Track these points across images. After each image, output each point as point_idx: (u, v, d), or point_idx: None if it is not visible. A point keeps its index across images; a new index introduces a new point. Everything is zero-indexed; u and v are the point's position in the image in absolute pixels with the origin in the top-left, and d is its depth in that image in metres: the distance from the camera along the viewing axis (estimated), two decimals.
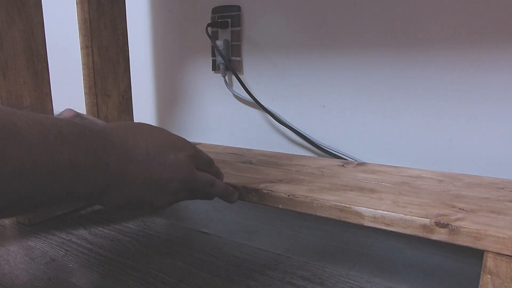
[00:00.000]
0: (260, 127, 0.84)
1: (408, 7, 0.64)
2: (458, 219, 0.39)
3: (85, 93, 0.82)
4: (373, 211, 0.42)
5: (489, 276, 0.37)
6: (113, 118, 0.85)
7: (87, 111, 0.82)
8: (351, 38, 0.70)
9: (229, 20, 0.82)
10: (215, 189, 0.46)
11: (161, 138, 0.41)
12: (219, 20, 0.83)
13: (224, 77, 0.85)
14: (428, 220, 0.39)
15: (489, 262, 0.36)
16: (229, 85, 0.86)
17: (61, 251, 0.61)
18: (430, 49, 0.63)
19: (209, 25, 0.81)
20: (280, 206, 0.48)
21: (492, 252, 0.36)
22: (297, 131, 0.77)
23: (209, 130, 0.93)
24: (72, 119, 0.42)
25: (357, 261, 0.57)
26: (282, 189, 0.49)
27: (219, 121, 0.90)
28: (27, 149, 0.28)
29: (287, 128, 0.79)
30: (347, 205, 0.43)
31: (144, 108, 1.04)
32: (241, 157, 0.67)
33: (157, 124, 1.04)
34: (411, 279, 0.53)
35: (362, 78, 0.70)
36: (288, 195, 0.47)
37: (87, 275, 0.54)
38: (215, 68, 0.87)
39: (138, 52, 1.00)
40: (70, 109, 0.44)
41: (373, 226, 0.42)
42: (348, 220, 0.43)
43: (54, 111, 0.76)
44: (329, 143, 0.75)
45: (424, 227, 0.39)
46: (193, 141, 0.83)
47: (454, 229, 0.37)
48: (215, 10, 0.84)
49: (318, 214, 0.45)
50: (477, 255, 0.38)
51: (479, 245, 0.36)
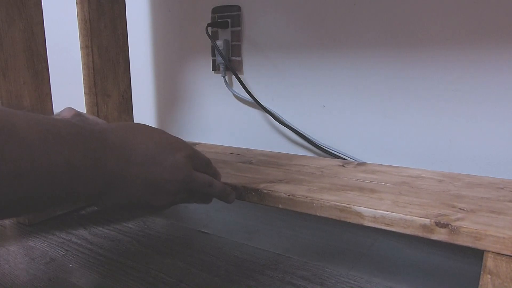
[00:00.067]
0: (260, 127, 0.84)
1: (408, 7, 0.64)
2: (458, 219, 0.39)
3: (85, 93, 0.82)
4: (373, 211, 0.42)
5: (489, 276, 0.37)
6: (113, 118, 0.85)
7: (87, 111, 0.82)
8: (351, 38, 0.70)
9: (229, 20, 0.82)
10: (213, 189, 0.46)
11: (160, 139, 0.41)
12: (219, 20, 0.83)
13: (224, 77, 0.85)
14: (428, 220, 0.39)
15: (489, 262, 0.36)
16: (229, 85, 0.86)
17: (61, 251, 0.61)
18: (430, 49, 0.63)
19: (209, 25, 0.81)
20: (280, 206, 0.48)
21: (492, 252, 0.36)
22: (297, 131, 0.77)
23: (209, 130, 0.93)
24: (73, 118, 0.42)
25: (357, 261, 0.57)
26: (282, 189, 0.49)
27: (219, 121, 0.90)
28: (26, 149, 0.28)
29: (287, 128, 0.79)
30: (347, 205, 0.43)
31: (144, 108, 1.04)
32: (241, 157, 0.67)
33: (157, 124, 1.04)
34: (411, 279, 0.53)
35: (362, 78, 0.70)
36: (288, 195, 0.47)
37: (87, 275, 0.54)
38: (215, 68, 0.87)
39: (138, 52, 1.00)
40: (71, 108, 0.44)
41: (373, 226, 0.42)
42: (348, 220, 0.43)
43: (54, 111, 0.76)
44: (329, 143, 0.75)
45: (424, 227, 0.39)
46: (193, 141, 0.83)
47: (454, 229, 0.37)
48: (215, 10, 0.84)
49: (318, 214, 0.45)
50: (477, 255, 0.38)
51: (479, 245, 0.36)
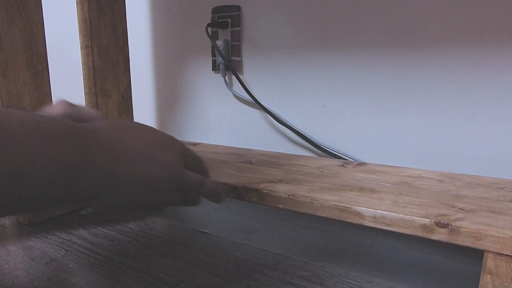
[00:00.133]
0: (260, 127, 0.84)
1: (408, 7, 0.64)
2: (458, 219, 0.39)
3: (85, 93, 0.82)
4: (373, 211, 0.42)
5: (489, 276, 0.37)
6: (113, 118, 0.85)
7: None
8: (351, 38, 0.70)
9: (229, 20, 0.82)
10: (204, 188, 0.44)
11: (150, 136, 0.40)
12: (219, 20, 0.83)
13: (224, 77, 0.85)
14: (428, 220, 0.39)
15: (489, 262, 0.36)
16: (229, 85, 0.86)
17: (61, 251, 0.61)
18: (430, 49, 0.63)
19: (209, 25, 0.81)
20: (280, 206, 0.48)
21: (492, 252, 0.36)
22: (297, 131, 0.77)
23: (209, 130, 0.93)
24: (67, 111, 0.41)
25: (357, 261, 0.57)
26: (282, 189, 0.49)
27: (219, 121, 0.90)
28: (9, 148, 0.27)
29: (287, 128, 0.79)
30: (347, 205, 0.43)
31: (144, 108, 1.04)
32: (241, 157, 0.67)
33: (157, 124, 1.04)
34: (411, 279, 0.53)
35: (362, 78, 0.70)
36: (288, 195, 0.47)
37: (87, 275, 0.54)
38: (215, 68, 0.87)
39: (138, 52, 1.00)
40: (64, 100, 0.42)
41: (373, 226, 0.42)
42: (348, 220, 0.43)
43: None
44: (329, 143, 0.75)
45: (424, 227, 0.39)
46: (193, 141, 0.83)
47: (454, 229, 0.37)
48: (215, 10, 0.84)
49: (318, 214, 0.45)
50: (477, 255, 0.38)
51: (479, 245, 0.36)
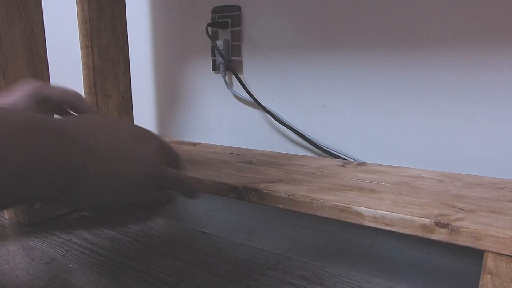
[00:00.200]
0: (260, 127, 0.84)
1: (408, 7, 0.64)
2: (458, 219, 0.39)
3: (85, 93, 0.82)
4: (373, 211, 0.42)
5: (489, 276, 0.37)
6: (113, 118, 0.85)
7: None
8: (351, 38, 0.70)
9: (229, 20, 0.82)
10: (184, 185, 0.43)
11: (127, 131, 0.39)
12: (219, 20, 0.83)
13: (224, 77, 0.85)
14: (428, 220, 0.39)
15: (489, 262, 0.36)
16: (229, 85, 0.86)
17: (61, 251, 0.61)
18: (430, 49, 0.63)
19: (209, 25, 0.81)
20: (280, 206, 0.48)
21: (492, 252, 0.36)
22: (297, 131, 0.77)
23: (209, 130, 0.93)
24: (34, 92, 0.39)
25: (357, 261, 0.57)
26: (282, 189, 0.49)
27: (219, 121, 0.90)
28: None
29: (287, 128, 0.79)
30: (347, 205, 0.43)
31: (144, 108, 1.04)
32: (241, 157, 0.67)
33: (157, 124, 1.04)
34: (411, 279, 0.53)
35: (362, 78, 0.70)
36: (288, 195, 0.47)
37: (87, 275, 0.54)
38: (215, 68, 0.87)
39: (138, 52, 1.00)
40: (31, 81, 0.40)
41: (373, 226, 0.42)
42: (348, 220, 0.43)
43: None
44: (329, 143, 0.75)
45: (424, 227, 0.39)
46: (193, 141, 0.83)
47: (454, 229, 0.37)
48: (215, 10, 0.84)
49: (318, 214, 0.45)
50: (477, 255, 0.38)
51: (479, 245, 0.36)
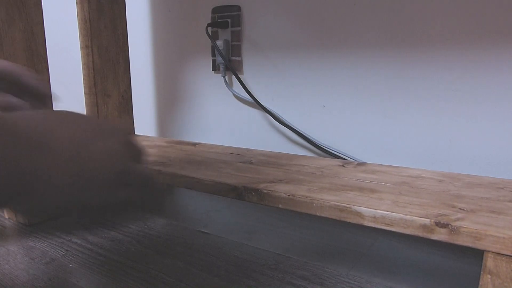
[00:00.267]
0: (260, 127, 0.84)
1: (408, 7, 0.64)
2: (458, 219, 0.39)
3: (85, 93, 0.82)
4: (373, 211, 0.42)
5: (489, 276, 0.37)
6: (113, 118, 0.85)
7: (87, 111, 0.82)
8: (351, 38, 0.70)
9: (229, 20, 0.82)
10: (153, 183, 0.39)
11: (86, 124, 0.35)
12: (219, 20, 0.83)
13: (224, 77, 0.85)
14: (428, 220, 0.39)
15: (489, 262, 0.36)
16: (229, 85, 0.86)
17: (61, 251, 0.61)
18: (430, 49, 0.63)
19: (209, 25, 0.81)
20: (280, 206, 0.48)
21: (492, 252, 0.36)
22: (297, 131, 0.77)
23: (209, 130, 0.93)
24: None
25: (357, 261, 0.57)
26: (282, 189, 0.49)
27: (219, 121, 0.90)
28: None
29: (287, 128, 0.79)
30: (347, 205, 0.43)
31: (144, 108, 1.04)
32: (241, 157, 0.67)
33: (157, 124, 1.04)
34: (411, 279, 0.53)
35: (362, 78, 0.70)
36: (288, 195, 0.47)
37: (87, 275, 0.54)
38: (215, 68, 0.87)
39: (138, 52, 1.00)
40: None
41: (373, 226, 0.42)
42: (348, 220, 0.43)
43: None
44: (329, 143, 0.75)
45: (424, 227, 0.39)
46: (193, 141, 0.83)
47: (454, 229, 0.37)
48: (215, 10, 0.84)
49: (318, 214, 0.45)
50: (477, 255, 0.38)
51: (479, 245, 0.36)
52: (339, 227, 0.68)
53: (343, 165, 0.61)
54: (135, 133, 0.92)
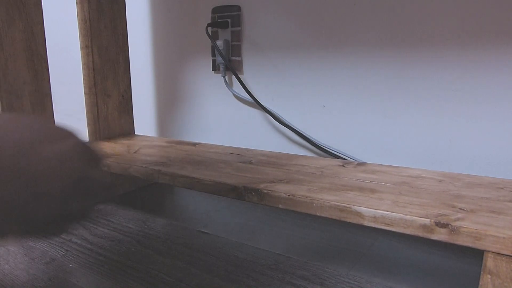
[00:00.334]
0: (260, 127, 0.84)
1: (408, 7, 0.64)
2: (458, 219, 0.39)
3: (85, 93, 0.82)
4: (373, 211, 0.42)
5: (489, 276, 0.37)
6: (113, 118, 0.85)
7: (87, 111, 0.82)
8: (351, 38, 0.70)
9: (229, 20, 0.82)
10: (110, 193, 0.36)
11: (30, 127, 0.32)
12: (219, 20, 0.83)
13: (224, 77, 0.85)
14: (428, 220, 0.39)
15: (489, 262, 0.36)
16: (229, 85, 0.86)
17: (61, 251, 0.61)
18: (430, 49, 0.63)
19: (209, 25, 0.81)
20: (280, 206, 0.48)
21: (492, 252, 0.36)
22: (297, 131, 0.77)
23: (209, 130, 0.93)
24: None
25: (357, 261, 0.57)
26: (282, 189, 0.49)
27: (219, 121, 0.90)
28: None
29: (287, 128, 0.79)
30: (347, 205, 0.43)
31: (144, 108, 1.04)
32: (241, 157, 0.67)
33: (157, 124, 1.04)
34: (411, 279, 0.53)
35: (362, 78, 0.70)
36: (288, 195, 0.47)
37: (87, 275, 0.54)
38: (215, 68, 0.87)
39: (138, 52, 1.00)
40: None
41: (373, 226, 0.42)
42: (348, 220, 0.43)
43: (54, 111, 0.76)
44: (329, 143, 0.75)
45: (424, 227, 0.39)
46: (193, 141, 0.83)
47: (454, 229, 0.37)
48: (215, 10, 0.84)
49: (318, 214, 0.45)
50: (477, 255, 0.38)
51: (479, 245, 0.36)
52: (339, 227, 0.68)
53: (343, 165, 0.61)
54: (135, 133, 0.92)
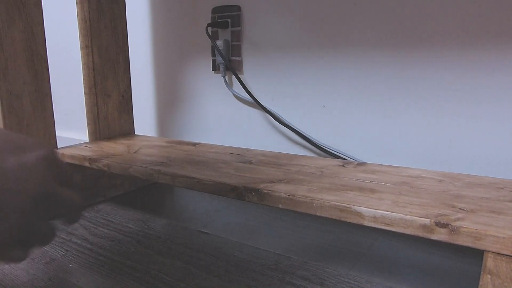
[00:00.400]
0: (260, 127, 0.84)
1: (408, 7, 0.64)
2: (458, 219, 0.39)
3: (85, 93, 0.82)
4: (373, 211, 0.42)
5: (489, 276, 0.37)
6: (113, 118, 0.85)
7: (87, 111, 0.82)
8: (351, 38, 0.70)
9: (229, 20, 0.82)
10: (79, 213, 0.33)
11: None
12: (219, 20, 0.83)
13: (224, 77, 0.85)
14: (428, 220, 0.39)
15: (489, 262, 0.36)
16: (229, 85, 0.86)
17: (61, 251, 0.61)
18: (430, 49, 0.63)
19: (209, 25, 0.81)
20: (280, 206, 0.48)
21: (492, 252, 0.36)
22: (297, 131, 0.77)
23: (209, 130, 0.93)
24: None
25: (357, 261, 0.57)
26: (282, 189, 0.49)
27: (219, 121, 0.90)
28: None
29: (287, 128, 0.79)
30: (347, 205, 0.43)
31: (144, 108, 1.04)
32: (241, 157, 0.67)
33: (157, 124, 1.04)
34: (411, 279, 0.53)
35: (362, 78, 0.70)
36: (288, 195, 0.47)
37: (87, 275, 0.54)
38: (215, 68, 0.87)
39: (138, 52, 1.00)
40: None
41: (373, 226, 0.42)
42: (348, 220, 0.43)
43: (54, 111, 0.76)
44: (329, 143, 0.75)
45: (424, 227, 0.39)
46: (193, 141, 0.83)
47: (454, 229, 0.37)
48: (215, 10, 0.84)
49: (318, 214, 0.45)
50: (477, 255, 0.38)
51: (479, 245, 0.36)
52: (339, 227, 0.68)
53: (343, 165, 0.61)
54: (135, 133, 0.92)
